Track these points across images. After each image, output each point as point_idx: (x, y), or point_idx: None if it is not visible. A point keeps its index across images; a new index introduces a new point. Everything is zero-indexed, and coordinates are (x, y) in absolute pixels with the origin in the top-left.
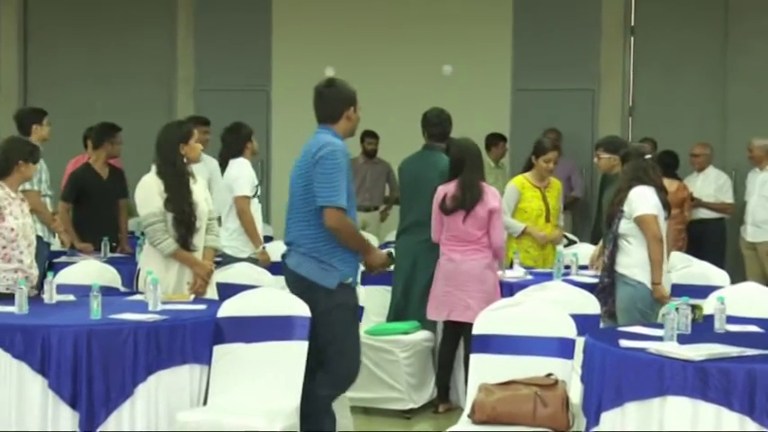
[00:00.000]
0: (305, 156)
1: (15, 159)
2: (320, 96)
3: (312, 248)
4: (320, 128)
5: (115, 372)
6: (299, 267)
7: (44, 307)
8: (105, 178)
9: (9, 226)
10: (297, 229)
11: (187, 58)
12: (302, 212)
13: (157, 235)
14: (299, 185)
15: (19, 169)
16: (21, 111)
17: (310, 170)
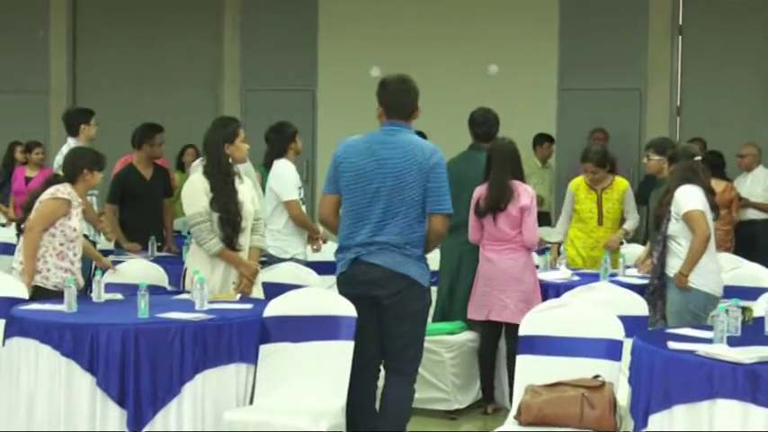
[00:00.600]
0: (409, 158)
1: (81, 168)
2: (400, 91)
3: (417, 250)
4: (397, 125)
5: (162, 370)
6: (402, 267)
7: (92, 305)
8: (149, 178)
9: (73, 226)
10: (401, 229)
11: (233, 59)
12: (411, 214)
13: (203, 235)
14: (412, 191)
15: (84, 177)
16: (69, 111)
17: (422, 174)
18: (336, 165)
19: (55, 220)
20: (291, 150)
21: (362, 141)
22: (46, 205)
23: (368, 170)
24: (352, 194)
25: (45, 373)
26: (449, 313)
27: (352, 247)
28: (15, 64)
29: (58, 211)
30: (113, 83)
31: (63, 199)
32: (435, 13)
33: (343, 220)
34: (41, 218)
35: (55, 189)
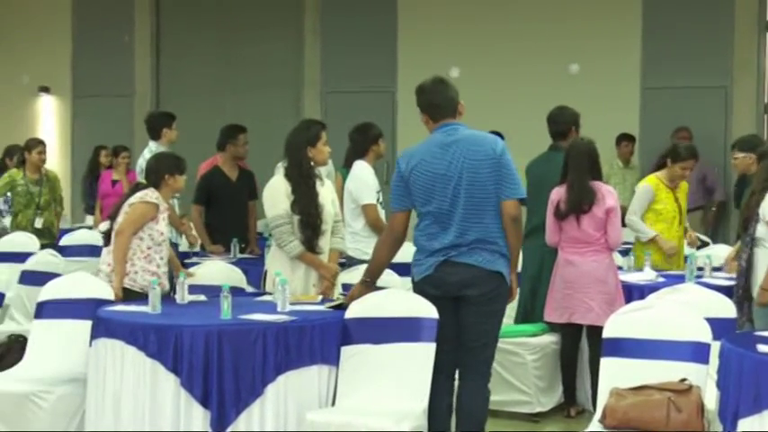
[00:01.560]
0: (479, 153)
1: (162, 174)
2: (440, 91)
3: (502, 245)
4: (451, 124)
5: (245, 371)
6: (494, 265)
7: (176, 307)
8: (234, 180)
9: (160, 230)
10: (485, 226)
11: (314, 62)
12: (491, 210)
13: (283, 237)
14: (489, 183)
15: (167, 183)
16: (151, 114)
17: (494, 165)
18: (405, 178)
19: (144, 223)
20: (373, 152)
21: (425, 147)
22: (136, 208)
23: (441, 173)
24: (431, 198)
25: (130, 373)
26: (531, 315)
27: (439, 250)
28: (101, 68)
29: (147, 214)
30: (196, 87)
31: (152, 203)
32: (515, 13)
33: (423, 225)
34: (131, 221)
35: (143, 193)
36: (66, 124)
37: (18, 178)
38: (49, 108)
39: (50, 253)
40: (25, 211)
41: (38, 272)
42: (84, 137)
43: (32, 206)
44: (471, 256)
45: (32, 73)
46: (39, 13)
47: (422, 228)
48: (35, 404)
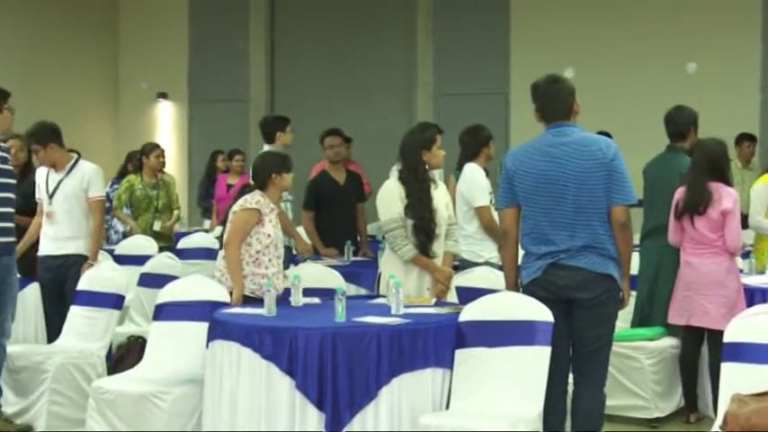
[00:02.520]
0: (588, 155)
1: (269, 173)
2: (553, 93)
3: (611, 249)
4: (563, 125)
5: (359, 374)
6: (604, 268)
7: (291, 309)
8: (343, 183)
9: (267, 232)
10: (594, 229)
11: (426, 64)
12: (600, 212)
13: (397, 241)
14: (598, 188)
15: (273, 182)
16: (265, 118)
17: (604, 169)
18: (510, 177)
19: (250, 230)
20: (484, 155)
21: (533, 147)
22: (238, 217)
23: (549, 174)
24: (535, 200)
25: (246, 374)
26: (648, 318)
27: (547, 253)
28: (217, 74)
29: (250, 221)
30: (309, 91)
31: (252, 209)
32: (630, 11)
33: (529, 227)
34: (237, 231)
35: (243, 200)
36: (184, 129)
37: (136, 183)
38: (167, 114)
39: (168, 256)
40: (144, 215)
41: (156, 274)
42: (200, 142)
43: (151, 210)
44: (580, 259)
45: (151, 80)
46: (157, 22)
47: (528, 230)
48: (154, 404)
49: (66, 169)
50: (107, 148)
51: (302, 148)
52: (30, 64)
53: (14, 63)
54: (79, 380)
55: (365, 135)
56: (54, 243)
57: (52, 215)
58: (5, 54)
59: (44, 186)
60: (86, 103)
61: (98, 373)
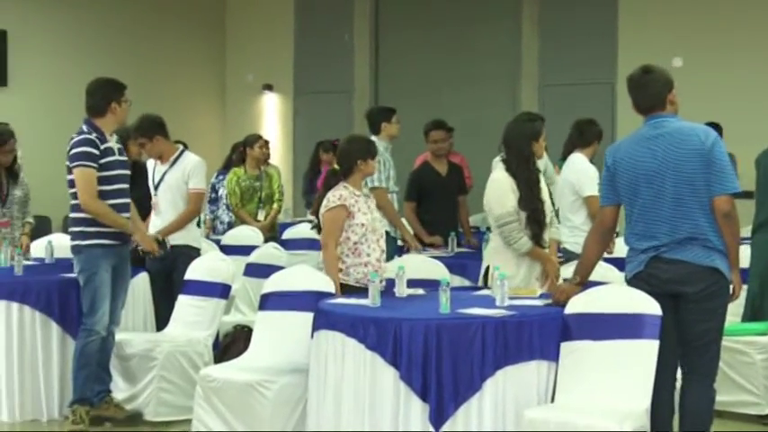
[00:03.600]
0: (687, 146)
1: (354, 159)
2: (643, 84)
3: (716, 241)
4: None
5: (464, 366)
6: (708, 260)
7: (395, 300)
8: (444, 175)
9: (359, 222)
10: (696, 221)
11: (531, 55)
12: (701, 205)
13: (513, 234)
14: (697, 178)
15: (359, 168)
16: (371, 109)
17: (703, 159)
18: (612, 172)
19: (341, 227)
20: (593, 148)
21: (632, 141)
22: (325, 219)
23: (649, 167)
24: (636, 194)
25: (351, 364)
26: (759, 313)
27: (650, 247)
28: (322, 66)
29: (338, 219)
30: (414, 82)
31: (336, 207)
32: None
33: (632, 221)
34: (327, 233)
35: (326, 200)
36: (289, 121)
37: (240, 174)
38: (272, 105)
39: (274, 246)
40: (248, 206)
41: (262, 264)
42: (305, 133)
43: (255, 200)
44: (683, 251)
45: (257, 72)
46: (263, 15)
47: (631, 225)
48: (259, 393)
49: (170, 161)
50: (214, 140)
51: (405, 139)
52: (141, 59)
53: (127, 58)
54: (187, 368)
55: (468, 126)
56: None
57: (157, 206)
58: (118, 50)
59: (151, 178)
60: (194, 97)
61: (205, 362)
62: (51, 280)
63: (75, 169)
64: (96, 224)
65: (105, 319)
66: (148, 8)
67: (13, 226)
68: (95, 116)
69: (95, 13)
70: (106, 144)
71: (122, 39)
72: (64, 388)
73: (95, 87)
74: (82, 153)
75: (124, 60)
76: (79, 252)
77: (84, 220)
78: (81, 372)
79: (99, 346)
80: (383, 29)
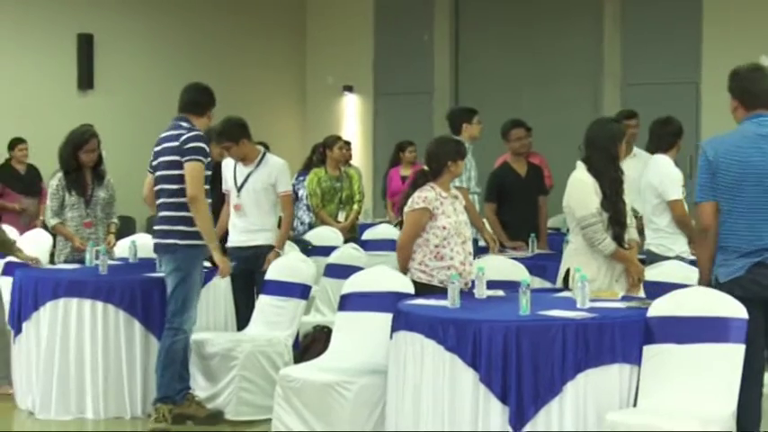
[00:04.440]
0: None
1: (445, 160)
2: (756, 79)
3: None
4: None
5: (544, 368)
6: None
7: (475, 302)
8: (524, 176)
9: (441, 225)
10: None
11: (614, 54)
12: None
13: (597, 236)
14: None
15: (449, 169)
16: (452, 110)
17: None
18: (713, 169)
19: (421, 229)
20: (675, 147)
21: (737, 137)
22: (408, 219)
23: (753, 166)
24: (741, 194)
25: (430, 366)
26: None
27: (754, 251)
28: (401, 67)
29: (420, 221)
30: (494, 82)
31: (419, 209)
32: None
33: (730, 223)
34: (407, 234)
35: (411, 200)
36: (369, 122)
37: (321, 175)
38: (353, 107)
39: (353, 247)
40: (328, 206)
41: (341, 265)
42: (385, 134)
43: (335, 201)
44: None
45: (337, 73)
46: (342, 17)
47: (729, 225)
48: (339, 394)
49: (254, 163)
50: (295, 142)
51: (486, 140)
52: (223, 63)
53: (209, 62)
54: (267, 367)
55: (548, 126)
56: (244, 235)
57: (241, 208)
58: (201, 54)
59: (232, 179)
60: (275, 99)
61: (285, 362)
62: (135, 279)
63: (189, 163)
64: (194, 224)
65: (194, 318)
66: (230, 13)
67: (96, 227)
68: (198, 115)
69: (179, 17)
70: None
71: (205, 43)
72: (146, 386)
73: (198, 91)
74: (198, 148)
75: (207, 64)
76: (174, 251)
77: (183, 219)
78: (166, 370)
79: (184, 345)
80: (463, 28)
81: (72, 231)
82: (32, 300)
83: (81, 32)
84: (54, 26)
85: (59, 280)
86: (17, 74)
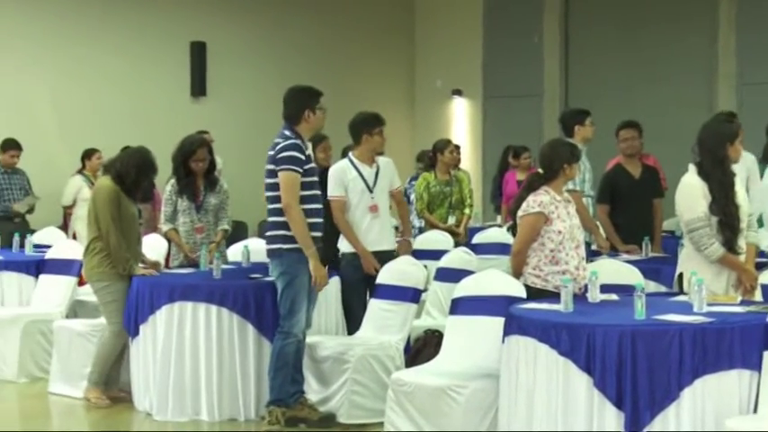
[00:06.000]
0: None
1: (560, 164)
2: None
3: None
4: None
5: (660, 374)
6: None
7: (588, 306)
8: (638, 178)
9: (556, 229)
10: None
11: (728, 53)
12: None
13: (703, 240)
14: None
15: (564, 172)
16: (565, 112)
17: None
18: None
19: (536, 234)
20: None
21: None
22: (522, 225)
23: None
24: None
25: (543, 371)
26: None
27: None
28: (511, 70)
29: (535, 226)
30: (605, 83)
31: (534, 213)
32: None
33: None
34: (522, 238)
35: (525, 204)
36: (477, 125)
37: (430, 179)
38: (461, 110)
39: (464, 251)
40: (438, 210)
41: (452, 269)
42: (494, 137)
43: (445, 205)
44: None
45: (445, 77)
46: (451, 20)
47: None
48: (451, 398)
49: (375, 164)
50: (404, 146)
51: (597, 142)
52: (333, 67)
53: (319, 67)
54: (378, 371)
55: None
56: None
57: (377, 209)
58: (311, 60)
59: (359, 180)
60: (384, 103)
61: (396, 366)
62: (248, 284)
63: (282, 173)
64: None
65: (302, 322)
66: (339, 18)
67: (208, 232)
68: (293, 124)
69: (289, 25)
70: (307, 151)
71: (315, 48)
72: (260, 389)
73: (290, 95)
74: (290, 157)
75: (317, 69)
76: (280, 256)
77: (285, 224)
78: (278, 373)
79: (295, 349)
80: (573, 29)
81: (184, 236)
82: (149, 303)
83: (194, 40)
84: (168, 35)
85: (174, 284)
86: (132, 81)
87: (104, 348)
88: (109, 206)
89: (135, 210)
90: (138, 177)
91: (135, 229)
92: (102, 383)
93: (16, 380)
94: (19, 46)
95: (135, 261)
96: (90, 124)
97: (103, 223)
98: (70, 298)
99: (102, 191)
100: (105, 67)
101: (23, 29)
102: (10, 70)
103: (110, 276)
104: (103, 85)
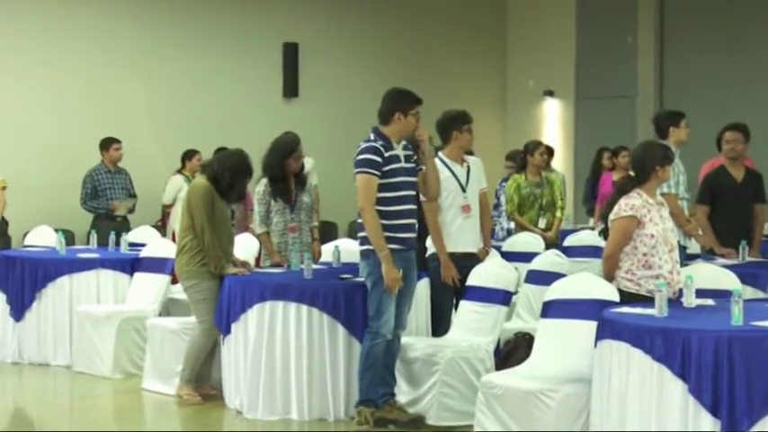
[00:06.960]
0: None
1: (653, 166)
2: None
3: None
4: None
5: (758, 381)
6: None
7: (683, 310)
8: (740, 181)
9: (649, 233)
10: None
11: None
12: None
13: None
14: None
15: (656, 175)
16: (659, 114)
17: None
18: None
19: (629, 237)
20: None
21: None
22: (614, 228)
23: None
24: None
25: (636, 376)
26: None
27: None
28: (603, 71)
29: (628, 229)
30: (700, 83)
31: (626, 216)
32: None
33: None
34: (614, 242)
35: (617, 207)
36: (570, 126)
37: (521, 181)
38: (553, 111)
39: (555, 253)
40: (529, 212)
41: (543, 272)
42: (586, 138)
43: (536, 207)
44: None
45: (537, 77)
46: (544, 22)
47: None
48: (542, 402)
49: (466, 163)
50: (495, 147)
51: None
52: (425, 68)
53: (411, 68)
54: (468, 373)
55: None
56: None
57: (470, 209)
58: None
59: (452, 179)
60: (476, 103)
61: (486, 368)
62: (338, 284)
63: (358, 175)
64: (386, 229)
65: (391, 322)
66: (431, 18)
67: (301, 231)
68: (382, 123)
69: (381, 26)
70: (391, 152)
71: (406, 49)
72: (349, 389)
73: (388, 94)
74: (365, 160)
75: (409, 70)
76: (368, 256)
77: None
78: (366, 373)
79: (384, 349)
80: (668, 29)
81: (276, 236)
82: (240, 302)
83: (286, 42)
84: (260, 36)
85: (266, 283)
86: (225, 83)
87: (194, 346)
88: (203, 204)
89: (228, 211)
90: (233, 180)
91: (227, 229)
92: (193, 381)
93: (111, 376)
94: (117, 51)
95: (227, 261)
96: (184, 126)
97: (198, 220)
98: (163, 296)
99: (196, 189)
100: (199, 69)
101: (122, 34)
102: (108, 75)
103: (199, 274)
104: (197, 87)
